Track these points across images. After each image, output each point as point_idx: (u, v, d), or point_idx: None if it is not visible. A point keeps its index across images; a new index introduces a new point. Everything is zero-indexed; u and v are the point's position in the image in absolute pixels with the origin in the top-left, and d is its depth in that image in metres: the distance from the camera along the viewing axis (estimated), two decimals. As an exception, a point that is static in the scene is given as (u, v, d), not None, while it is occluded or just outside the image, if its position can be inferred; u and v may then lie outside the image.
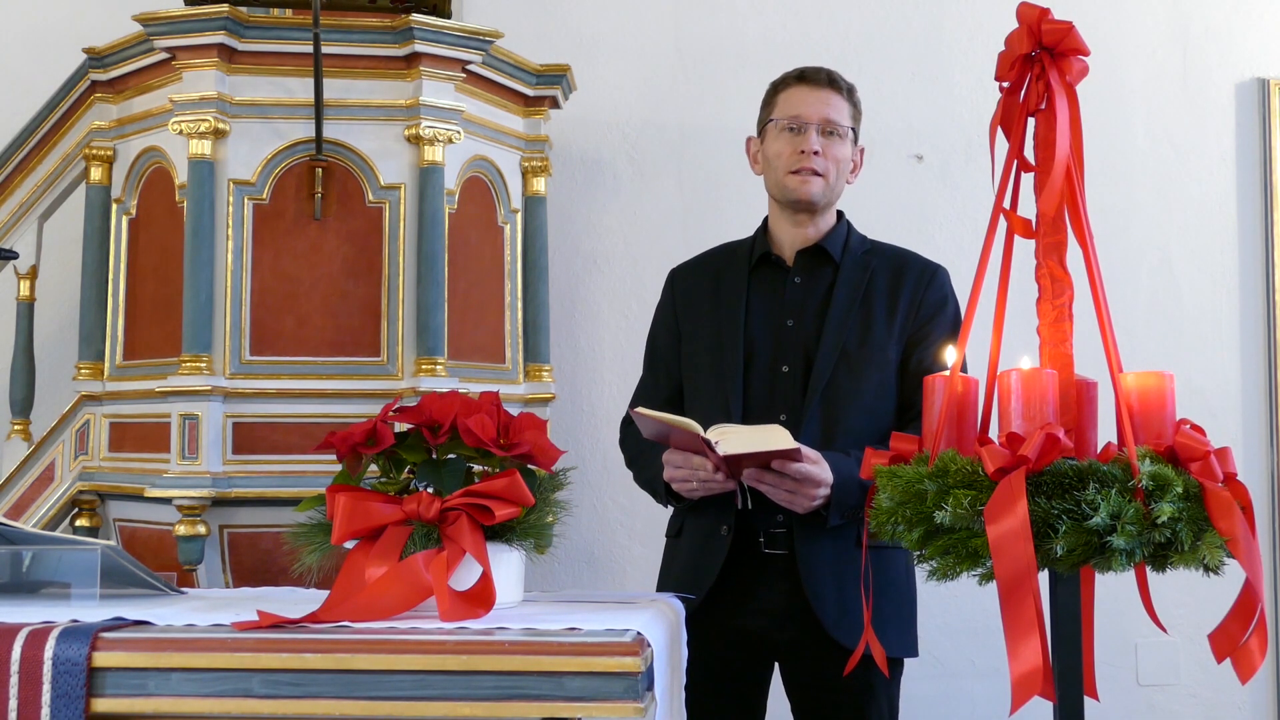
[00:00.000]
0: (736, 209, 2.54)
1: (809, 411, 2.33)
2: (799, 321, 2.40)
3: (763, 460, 2.14)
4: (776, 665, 2.44)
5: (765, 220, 2.52)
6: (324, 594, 1.78)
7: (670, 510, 2.49)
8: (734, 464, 2.16)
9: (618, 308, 3.62)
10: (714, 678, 2.34)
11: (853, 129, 2.44)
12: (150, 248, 3.01)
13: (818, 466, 2.17)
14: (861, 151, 2.49)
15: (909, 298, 2.41)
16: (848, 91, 2.45)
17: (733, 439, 2.12)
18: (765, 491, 2.19)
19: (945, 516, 1.57)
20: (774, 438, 2.12)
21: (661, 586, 2.45)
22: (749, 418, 2.34)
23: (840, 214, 2.50)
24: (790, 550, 2.30)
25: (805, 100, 2.41)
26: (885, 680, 2.31)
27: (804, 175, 2.39)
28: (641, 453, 2.44)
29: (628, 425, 2.54)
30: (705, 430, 2.12)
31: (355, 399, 2.82)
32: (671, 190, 3.66)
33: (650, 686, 1.56)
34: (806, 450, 2.15)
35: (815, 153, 2.38)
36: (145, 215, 3.04)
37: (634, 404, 2.55)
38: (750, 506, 2.26)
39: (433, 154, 2.90)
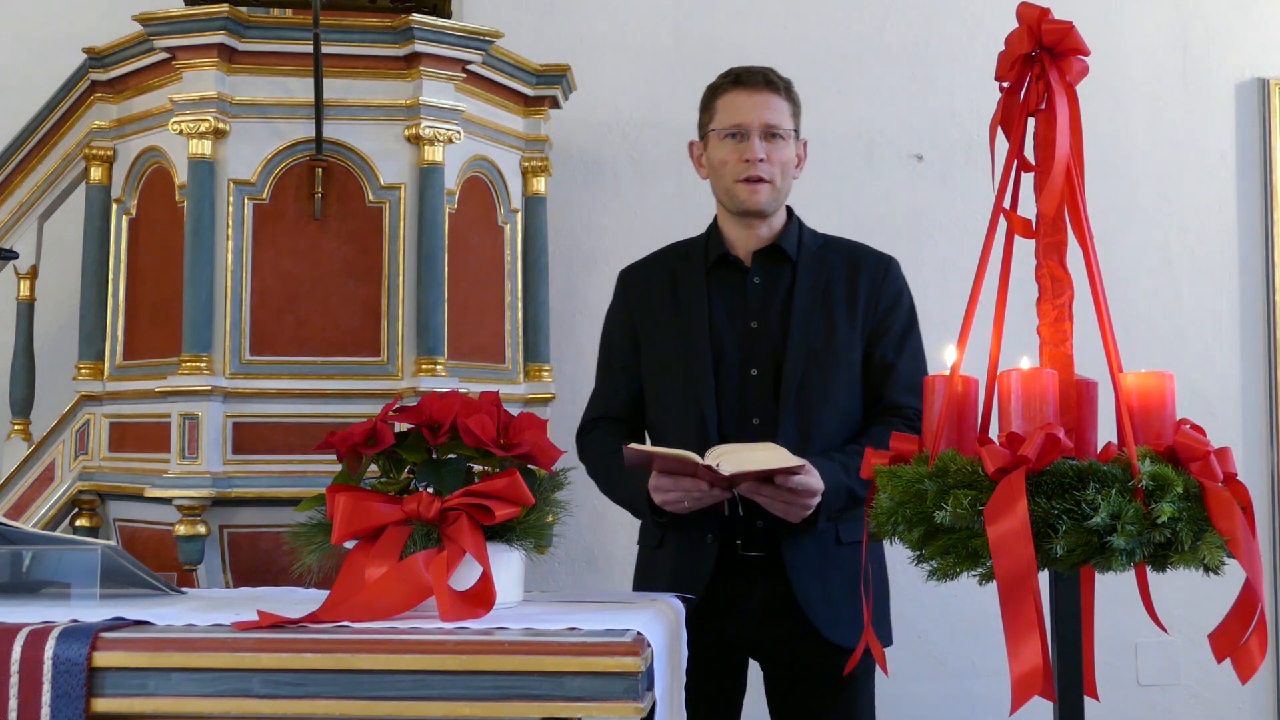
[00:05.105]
0: (736, 209, 2.53)
1: (784, 415, 2.32)
2: (763, 323, 2.39)
3: (763, 475, 2.15)
4: (753, 664, 2.44)
5: (715, 219, 2.50)
6: (324, 594, 1.78)
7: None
8: (732, 479, 2.16)
9: (618, 308, 3.62)
10: (693, 680, 2.33)
11: (794, 128, 2.42)
12: (150, 248, 3.01)
13: (812, 477, 2.18)
14: (804, 145, 2.46)
15: (867, 292, 2.41)
16: (785, 89, 2.42)
17: (733, 458, 2.13)
18: (761, 502, 2.20)
19: (945, 516, 1.57)
20: (776, 456, 2.13)
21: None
22: (721, 422, 2.34)
23: (789, 210, 2.48)
24: (767, 551, 2.31)
25: (744, 106, 2.38)
26: (866, 672, 2.32)
27: (752, 184, 2.37)
28: (610, 469, 2.40)
29: (585, 435, 2.52)
30: (699, 454, 2.12)
31: (355, 399, 2.82)
32: (671, 190, 3.66)
33: (650, 686, 1.56)
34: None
35: (760, 160, 2.36)
36: (145, 215, 3.04)
37: (591, 410, 2.55)
38: (743, 514, 2.27)
39: (433, 154, 2.89)
